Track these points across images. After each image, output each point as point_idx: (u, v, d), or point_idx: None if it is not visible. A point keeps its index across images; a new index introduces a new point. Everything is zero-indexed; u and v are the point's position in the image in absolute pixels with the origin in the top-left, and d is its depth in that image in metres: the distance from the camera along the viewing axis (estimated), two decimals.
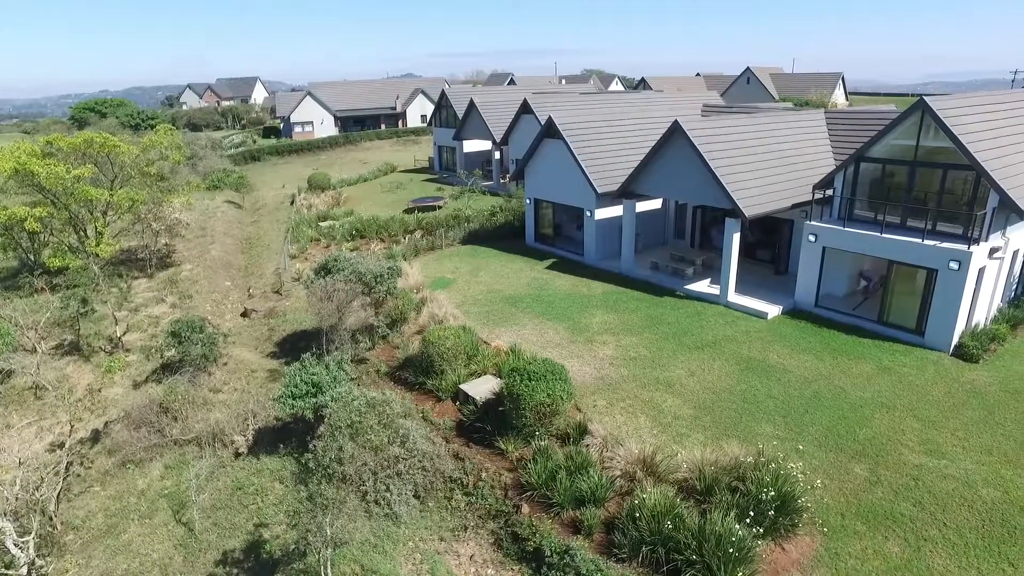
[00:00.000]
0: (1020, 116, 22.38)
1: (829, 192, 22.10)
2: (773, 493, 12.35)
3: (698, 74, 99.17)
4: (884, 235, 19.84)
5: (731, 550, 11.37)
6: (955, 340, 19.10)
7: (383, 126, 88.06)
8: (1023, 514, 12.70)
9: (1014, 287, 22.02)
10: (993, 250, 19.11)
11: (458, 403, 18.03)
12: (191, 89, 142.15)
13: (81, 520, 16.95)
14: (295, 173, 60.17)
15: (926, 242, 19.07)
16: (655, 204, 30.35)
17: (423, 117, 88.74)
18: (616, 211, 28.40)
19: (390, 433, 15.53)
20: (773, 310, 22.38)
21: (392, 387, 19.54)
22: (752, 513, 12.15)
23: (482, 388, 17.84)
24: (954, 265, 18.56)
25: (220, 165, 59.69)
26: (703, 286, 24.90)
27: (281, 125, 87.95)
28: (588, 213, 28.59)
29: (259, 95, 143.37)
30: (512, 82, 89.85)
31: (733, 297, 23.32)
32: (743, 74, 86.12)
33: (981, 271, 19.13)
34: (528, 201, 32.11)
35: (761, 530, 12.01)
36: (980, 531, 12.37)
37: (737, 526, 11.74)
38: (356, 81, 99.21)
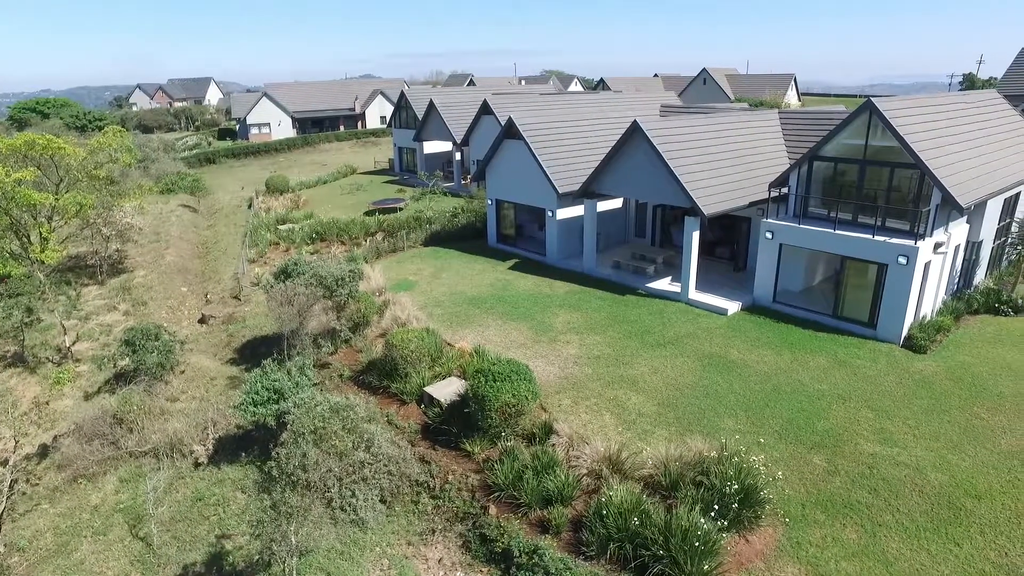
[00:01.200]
0: (957, 117, 23.35)
1: (784, 190, 22.66)
2: (736, 486, 12.60)
3: (656, 75, 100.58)
4: (837, 231, 20.46)
5: (697, 544, 11.56)
6: (905, 332, 19.80)
7: (342, 127, 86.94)
8: (967, 496, 13.24)
9: (956, 280, 22.94)
10: (937, 245, 19.87)
11: (423, 406, 17.92)
12: (141, 89, 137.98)
13: (28, 540, 16.26)
14: (252, 176, 58.98)
15: (876, 238, 19.72)
16: (616, 203, 30.68)
17: (383, 118, 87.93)
18: (577, 211, 28.62)
19: (355, 438, 15.31)
20: (733, 306, 22.84)
21: (356, 391, 19.30)
22: (716, 506, 12.37)
23: (447, 390, 17.76)
24: (902, 260, 19.23)
25: (174, 168, 58.07)
26: (664, 284, 25.27)
27: (237, 127, 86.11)
28: (550, 213, 28.74)
29: (213, 96, 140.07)
30: (472, 83, 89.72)
31: (694, 294, 23.72)
32: (700, 75, 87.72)
33: (927, 265, 19.87)
34: (490, 202, 32.10)
35: (726, 523, 12.24)
36: (929, 514, 12.85)
37: (702, 520, 11.94)
38: (314, 82, 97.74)
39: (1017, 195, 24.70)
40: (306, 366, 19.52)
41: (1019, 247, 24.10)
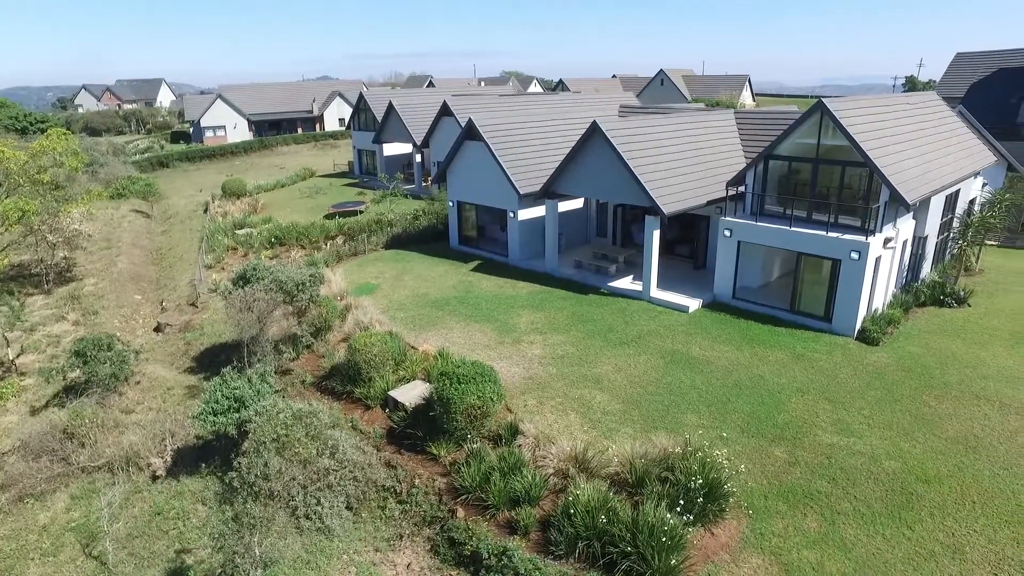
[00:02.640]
0: (902, 118, 24.21)
1: (741, 189, 23.15)
2: (701, 481, 12.80)
3: (614, 76, 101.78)
4: (792, 229, 20.99)
5: (664, 539, 11.70)
6: (858, 325, 20.44)
7: (300, 130, 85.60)
8: (918, 481, 13.74)
9: (905, 274, 23.79)
10: (887, 240, 20.57)
11: (387, 410, 17.74)
12: (87, 91, 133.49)
13: None
14: (208, 180, 57.59)
15: (829, 234, 20.30)
16: (577, 204, 30.89)
17: (341, 120, 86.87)
18: (539, 211, 28.73)
19: (319, 445, 15.09)
20: (694, 304, 23.23)
21: (319, 397, 19.01)
22: (682, 501, 12.55)
23: (411, 394, 17.62)
24: (854, 255, 19.84)
25: (124, 172, 56.26)
26: (626, 283, 25.55)
27: (191, 130, 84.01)
28: (511, 214, 28.78)
29: (165, 98, 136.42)
30: (431, 84, 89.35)
31: (655, 292, 24.04)
32: (657, 76, 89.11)
33: (878, 260, 20.55)
34: (451, 204, 31.99)
35: (691, 517, 12.42)
36: (884, 500, 13.28)
37: (668, 515, 12.09)
38: (270, 84, 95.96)
39: (957, 192, 25.76)
40: (267, 373, 19.14)
41: (960, 241, 25.12)
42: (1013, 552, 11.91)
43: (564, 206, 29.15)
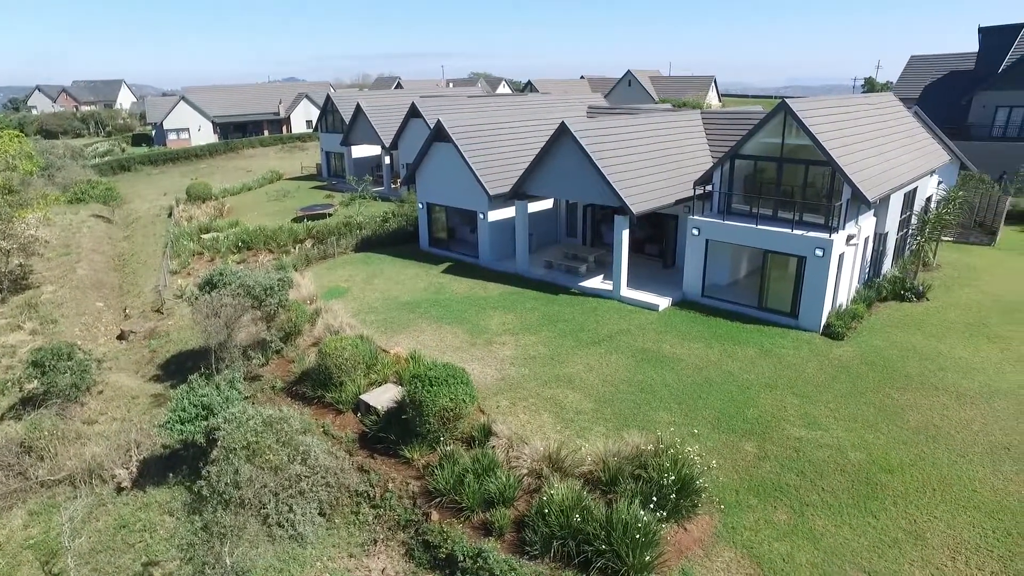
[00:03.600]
0: (862, 117, 24.85)
1: (709, 188, 23.49)
2: (673, 477, 12.94)
3: (582, 77, 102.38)
4: (759, 227, 21.37)
5: (638, 536, 11.80)
6: (824, 320, 20.89)
7: (266, 132, 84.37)
8: (882, 471, 14.12)
9: (867, 270, 24.40)
10: (850, 237, 21.08)
11: (359, 414, 17.58)
12: (41, 91, 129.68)
13: None
14: (172, 183, 56.39)
15: (794, 232, 20.72)
16: (547, 204, 31.01)
17: (309, 122, 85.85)
18: (509, 212, 28.76)
19: (290, 451, 14.89)
20: (664, 302, 23.49)
21: (290, 403, 18.73)
22: (655, 498, 12.67)
23: (383, 397, 17.49)
24: (819, 252, 20.29)
25: (84, 176, 54.77)
26: (596, 282, 25.72)
27: (153, 132, 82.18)
28: (481, 215, 28.76)
29: (125, 100, 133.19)
30: (399, 86, 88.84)
31: (626, 292, 24.25)
32: (624, 76, 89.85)
33: (841, 257, 21.03)
34: (421, 206, 31.84)
35: (664, 514, 12.55)
36: (850, 491, 13.61)
37: (642, 512, 12.20)
38: (235, 85, 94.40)
39: (915, 190, 26.52)
40: (236, 379, 18.81)
41: (918, 237, 25.86)
42: (970, 536, 12.33)
43: (534, 207, 29.23)
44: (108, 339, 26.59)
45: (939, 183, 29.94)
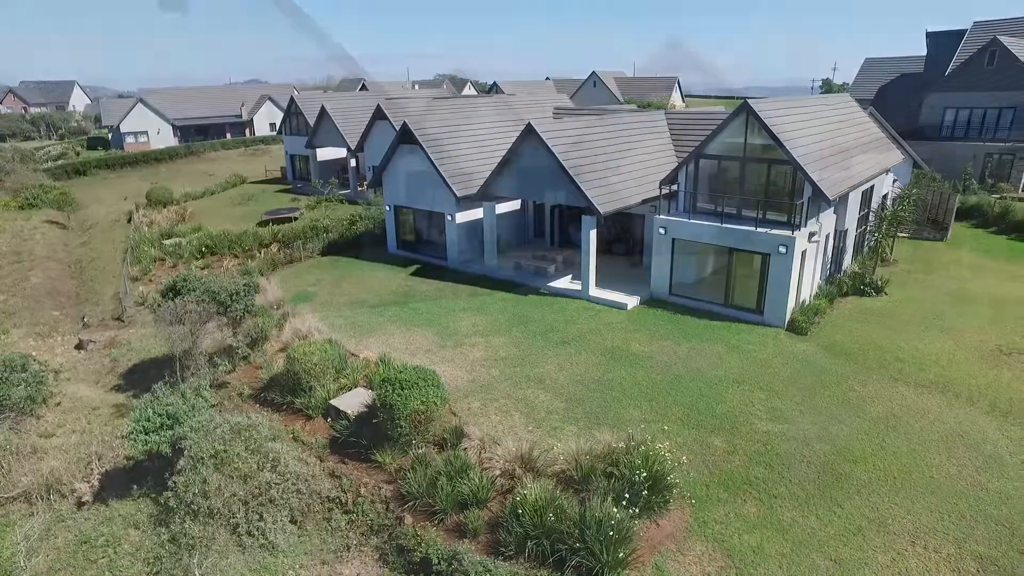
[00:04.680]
0: (821, 117, 25.50)
1: (675, 187, 23.83)
2: (645, 474, 13.08)
3: (548, 78, 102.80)
4: (724, 225, 21.76)
5: (611, 533, 11.89)
6: (788, 316, 21.37)
7: (229, 135, 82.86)
8: (846, 462, 14.51)
9: (828, 266, 25.04)
10: (811, 234, 21.61)
11: (330, 419, 17.37)
12: None
13: None
14: (131, 188, 54.95)
15: (758, 230, 21.15)
16: (515, 205, 31.08)
17: (272, 125, 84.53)
18: (477, 214, 28.75)
19: (259, 459, 14.65)
20: (632, 301, 23.74)
21: (258, 410, 18.42)
22: (627, 495, 12.78)
23: (353, 402, 17.32)
24: (782, 249, 20.75)
25: (35, 180, 53.06)
26: (565, 282, 25.87)
27: (110, 135, 79.98)
28: (449, 217, 28.69)
29: (79, 102, 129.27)
30: (364, 87, 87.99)
31: (594, 291, 24.44)
32: (590, 78, 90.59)
33: (804, 254, 21.54)
34: (388, 208, 31.63)
35: (637, 510, 12.67)
36: (816, 482, 13.95)
37: (615, 509, 12.29)
38: (195, 87, 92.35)
39: (872, 188, 27.31)
40: (202, 387, 18.39)
41: (876, 234, 26.64)
42: (928, 520, 12.76)
43: (502, 208, 29.27)
44: (65, 349, 25.78)
45: (894, 181, 30.90)
